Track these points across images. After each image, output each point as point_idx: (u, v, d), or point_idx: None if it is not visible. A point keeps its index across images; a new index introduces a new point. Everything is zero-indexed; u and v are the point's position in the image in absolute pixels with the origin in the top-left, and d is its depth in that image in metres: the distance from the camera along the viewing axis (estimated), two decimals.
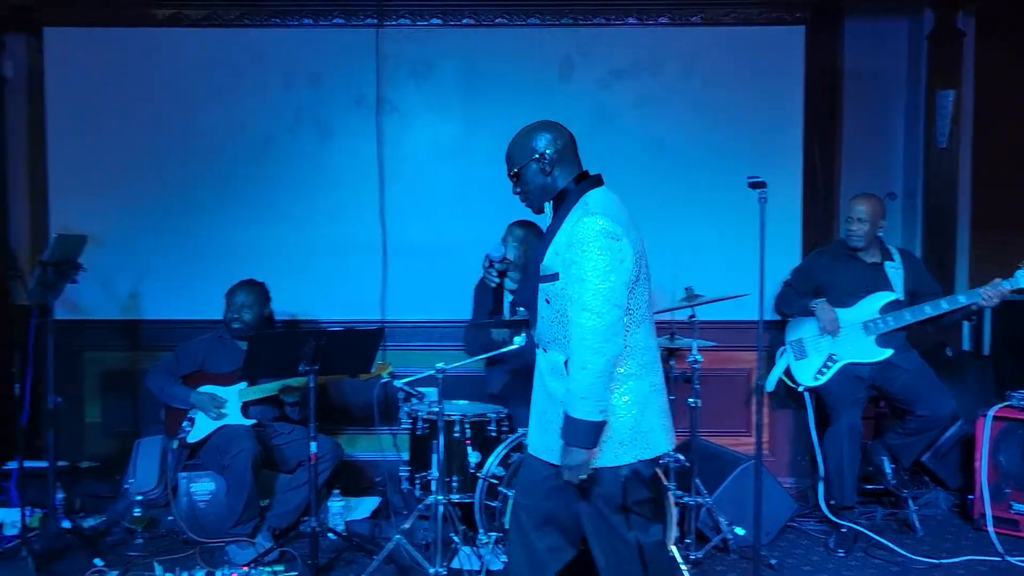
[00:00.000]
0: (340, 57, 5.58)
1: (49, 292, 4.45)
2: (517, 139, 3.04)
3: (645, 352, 2.89)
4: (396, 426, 4.99)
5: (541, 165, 2.96)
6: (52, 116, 5.65)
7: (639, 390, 2.84)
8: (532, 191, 3.00)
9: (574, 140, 3.06)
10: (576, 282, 2.76)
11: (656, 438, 2.88)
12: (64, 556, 4.32)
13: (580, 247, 2.76)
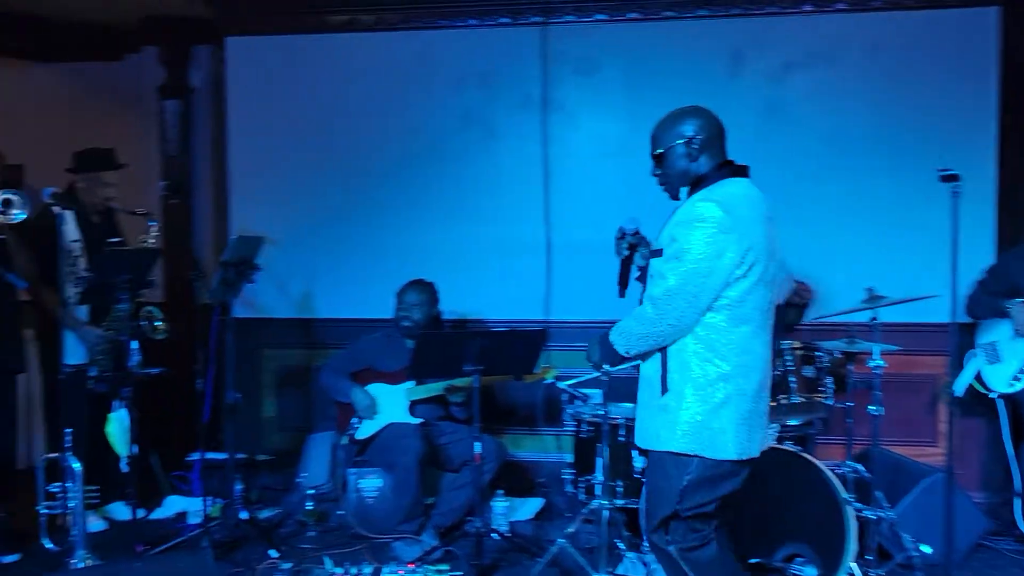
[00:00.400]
0: (506, 57, 5.58)
1: (229, 291, 4.63)
2: (665, 120, 2.98)
3: (745, 354, 2.79)
4: (560, 428, 4.94)
5: (688, 149, 2.90)
6: (233, 122, 5.91)
7: (723, 389, 2.77)
8: (673, 175, 2.95)
9: (724, 130, 2.97)
10: (670, 257, 2.77)
11: (724, 441, 2.77)
12: (241, 546, 4.46)
13: (685, 226, 2.75)
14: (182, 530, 4.68)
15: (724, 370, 2.76)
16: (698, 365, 2.77)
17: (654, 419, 2.86)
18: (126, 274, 4.09)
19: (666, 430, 2.81)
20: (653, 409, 2.87)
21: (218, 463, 4.91)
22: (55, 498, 3.99)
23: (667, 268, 2.77)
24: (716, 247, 2.71)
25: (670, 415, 2.80)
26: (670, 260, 2.77)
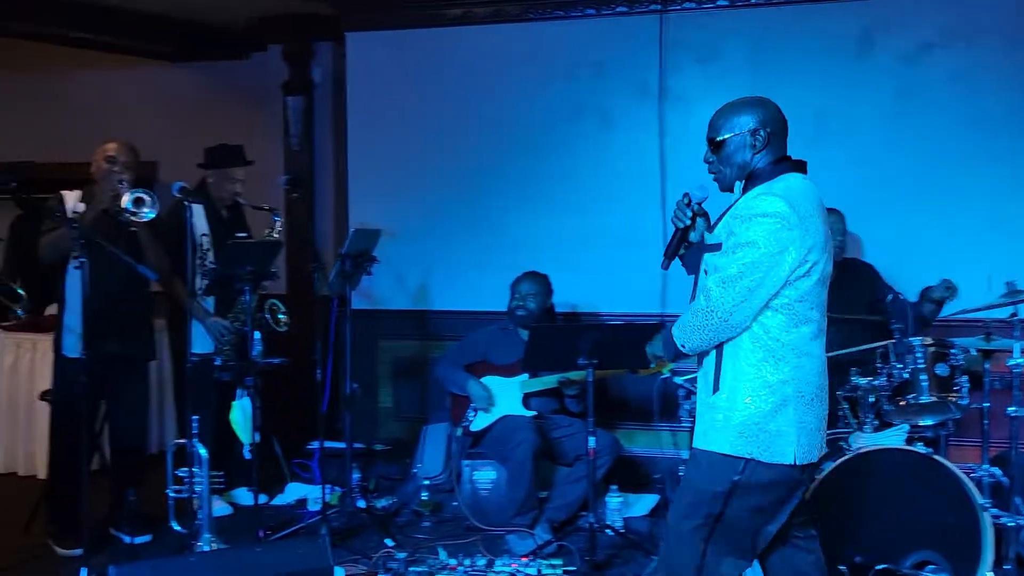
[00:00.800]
0: (622, 46, 5.49)
1: (347, 283, 4.69)
2: (732, 108, 2.82)
3: (804, 356, 2.69)
4: (676, 423, 4.83)
5: (753, 140, 2.75)
6: (352, 117, 6.00)
7: (781, 391, 2.65)
8: (731, 165, 2.79)
9: (787, 125, 2.82)
10: (727, 251, 2.66)
11: (782, 445, 2.66)
12: (359, 534, 4.52)
13: (745, 220, 2.63)
14: (302, 516, 4.78)
15: (783, 372, 2.66)
16: (754, 366, 2.67)
17: (704, 417, 2.78)
18: (250, 266, 4.19)
19: (715, 430, 2.71)
20: (704, 407, 2.79)
21: (337, 452, 4.99)
22: (183, 483, 4.11)
23: (724, 262, 2.66)
24: (779, 244, 2.60)
25: (719, 414, 2.70)
26: (727, 254, 2.66)
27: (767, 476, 2.69)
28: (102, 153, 4.33)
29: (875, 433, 3.70)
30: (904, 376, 3.74)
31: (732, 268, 2.63)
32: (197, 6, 6.26)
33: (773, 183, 2.71)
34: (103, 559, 4.02)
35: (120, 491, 4.48)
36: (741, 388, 2.68)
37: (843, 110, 5.23)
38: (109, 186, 4.16)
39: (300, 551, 3.45)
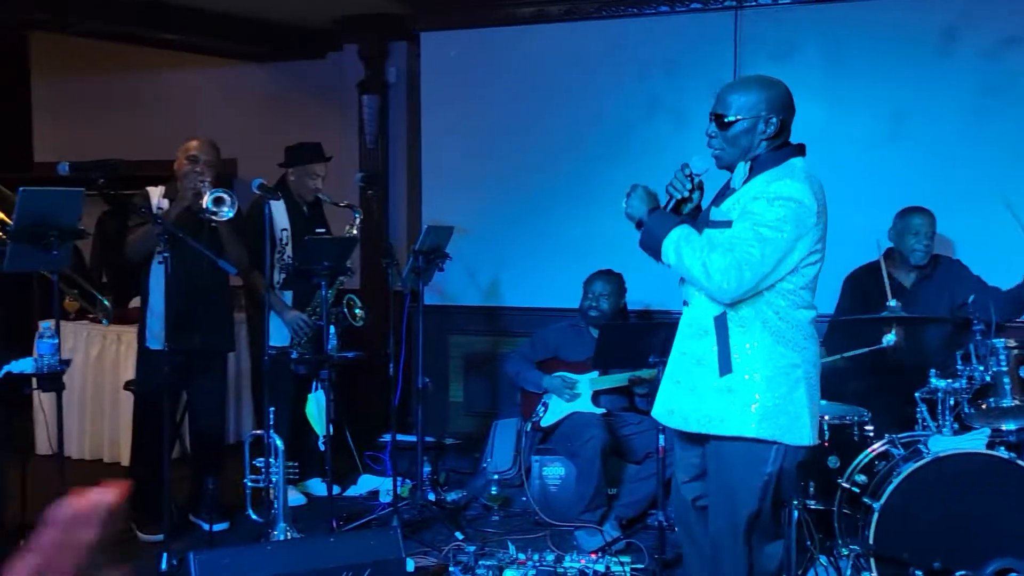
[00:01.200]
0: (696, 43, 5.45)
1: (420, 279, 4.74)
2: (746, 86, 2.82)
3: (810, 339, 2.77)
4: None
5: (765, 127, 2.74)
6: (426, 115, 6.05)
7: (794, 373, 2.71)
8: (736, 146, 2.77)
9: (795, 111, 2.85)
10: (749, 227, 2.64)
11: (800, 427, 2.71)
12: (429, 526, 4.57)
13: (768, 201, 2.63)
14: (373, 508, 4.83)
15: (794, 354, 2.70)
16: (768, 348, 2.69)
17: (715, 401, 2.73)
18: (326, 261, 4.26)
19: (735, 414, 2.69)
20: (708, 390, 2.74)
21: (408, 445, 5.03)
22: (259, 473, 4.19)
23: (743, 240, 2.64)
24: (799, 230, 2.64)
25: (738, 397, 2.69)
26: (750, 235, 2.63)
27: (792, 459, 2.74)
28: (184, 152, 4.43)
29: (954, 437, 3.60)
30: (986, 379, 3.64)
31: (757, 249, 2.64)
32: (277, 7, 6.38)
33: (794, 170, 2.72)
34: (183, 545, 4.12)
35: (200, 480, 4.58)
36: (760, 372, 2.68)
37: (923, 108, 5.12)
38: (191, 184, 4.26)
39: (372, 542, 3.49)
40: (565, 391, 4.74)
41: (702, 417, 2.75)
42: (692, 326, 2.82)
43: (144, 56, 7.21)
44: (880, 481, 3.56)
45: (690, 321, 2.84)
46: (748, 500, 2.75)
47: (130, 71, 7.49)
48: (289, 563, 3.33)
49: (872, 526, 3.38)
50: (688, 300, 2.85)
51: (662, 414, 2.92)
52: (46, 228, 3.53)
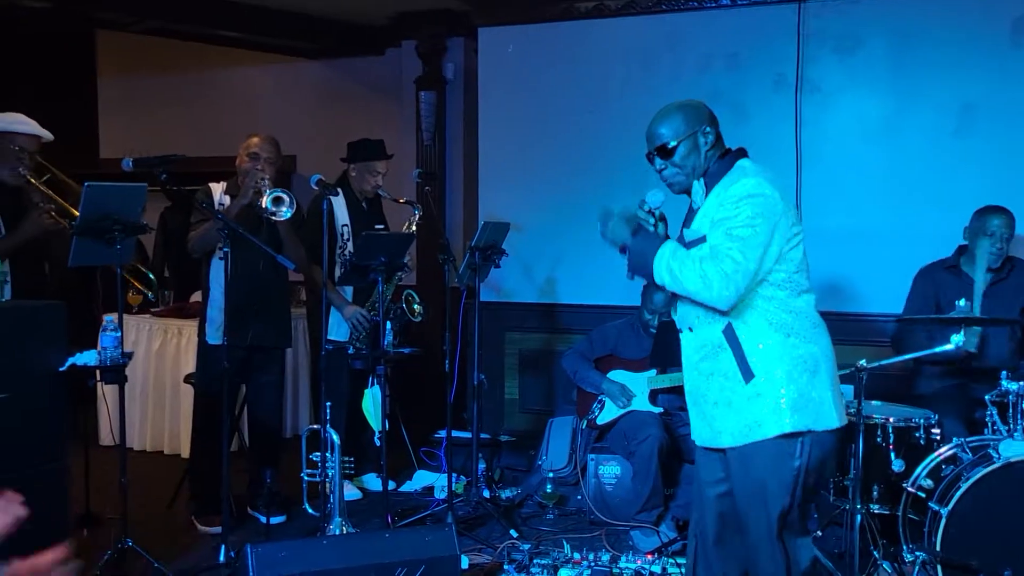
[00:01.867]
0: (758, 37, 5.35)
1: (476, 275, 4.73)
2: (670, 114, 2.89)
3: (812, 316, 2.79)
4: None
5: (705, 139, 2.83)
6: (484, 111, 6.04)
7: (812, 359, 2.73)
8: (689, 166, 2.83)
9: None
10: (723, 234, 2.66)
11: (827, 411, 2.74)
12: (483, 524, 4.55)
13: (733, 203, 2.68)
14: (428, 504, 4.84)
15: (807, 342, 2.73)
16: (780, 343, 2.71)
17: (748, 410, 2.72)
18: (383, 257, 4.26)
19: (769, 415, 2.69)
20: (742, 400, 2.73)
21: (463, 441, 5.03)
22: (316, 467, 4.21)
23: (722, 240, 2.66)
24: (770, 220, 2.67)
25: (768, 397, 2.69)
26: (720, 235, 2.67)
27: (822, 447, 2.75)
28: (246, 148, 4.47)
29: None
30: None
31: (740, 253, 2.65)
32: (337, 4, 6.42)
33: (745, 169, 2.78)
34: (240, 537, 4.16)
35: (257, 473, 4.63)
36: (777, 367, 2.70)
37: (994, 101, 4.97)
38: (252, 182, 4.29)
39: (427, 538, 3.49)
40: (621, 398, 4.69)
41: (744, 428, 2.74)
42: (704, 347, 2.82)
43: (206, 54, 7.32)
44: (948, 486, 3.46)
45: (700, 344, 2.83)
46: (780, 496, 2.75)
47: (192, 68, 7.62)
48: (344, 558, 3.34)
49: (940, 532, 3.28)
50: (692, 326, 2.85)
51: (709, 437, 2.88)
52: (110, 223, 3.58)
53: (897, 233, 4.83)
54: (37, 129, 4.11)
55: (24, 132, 4.07)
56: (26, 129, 4.08)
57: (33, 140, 4.10)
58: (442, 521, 4.35)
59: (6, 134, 4.06)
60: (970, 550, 3.25)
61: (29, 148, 4.06)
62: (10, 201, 4.08)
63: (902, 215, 4.93)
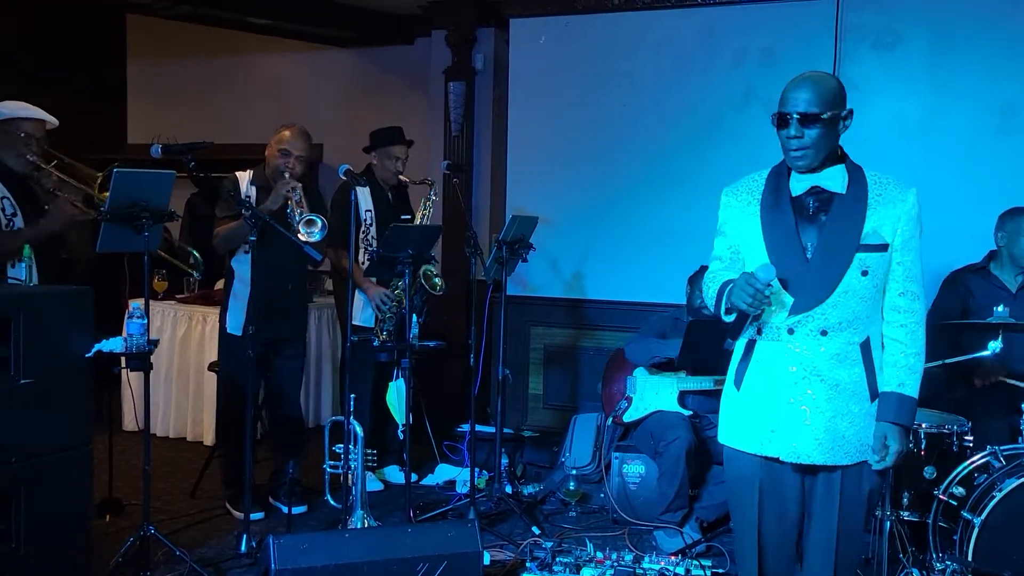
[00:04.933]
0: (795, 32, 5.31)
1: (503, 269, 4.72)
2: (828, 82, 2.57)
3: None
4: None
5: (844, 125, 2.59)
6: (513, 102, 6.03)
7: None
8: (824, 147, 2.56)
9: None
10: (919, 259, 2.61)
11: None
12: (505, 519, 4.56)
13: (918, 222, 2.59)
14: (450, 498, 4.84)
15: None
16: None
17: (866, 429, 2.61)
18: (410, 249, 4.26)
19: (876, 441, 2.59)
20: (867, 418, 2.61)
21: (486, 436, 5.03)
22: (339, 458, 4.23)
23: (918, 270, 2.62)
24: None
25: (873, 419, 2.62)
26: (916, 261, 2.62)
27: None
28: (278, 143, 4.45)
29: None
30: None
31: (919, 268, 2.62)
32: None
33: (895, 178, 2.64)
34: (262, 527, 4.18)
35: (281, 462, 4.65)
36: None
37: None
38: (283, 189, 4.28)
39: (450, 534, 3.50)
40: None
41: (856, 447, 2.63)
42: (840, 355, 2.61)
43: (236, 40, 7.35)
44: (981, 495, 3.43)
45: (838, 350, 2.60)
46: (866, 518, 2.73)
47: (222, 55, 7.65)
48: (366, 552, 3.35)
49: (972, 541, 3.25)
50: (826, 331, 2.60)
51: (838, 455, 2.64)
52: (139, 209, 3.60)
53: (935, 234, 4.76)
54: (42, 114, 4.11)
55: (29, 118, 4.08)
56: (31, 114, 4.08)
57: (39, 126, 4.10)
58: (463, 516, 4.36)
59: (11, 120, 4.07)
60: (1002, 561, 3.22)
61: (35, 134, 4.08)
62: (21, 188, 4.11)
63: (939, 215, 4.85)
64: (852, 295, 2.56)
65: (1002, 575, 3.20)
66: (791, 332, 2.60)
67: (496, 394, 4.75)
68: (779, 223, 2.63)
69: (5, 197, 4.02)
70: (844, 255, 2.56)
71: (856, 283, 2.56)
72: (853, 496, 2.66)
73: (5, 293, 3.39)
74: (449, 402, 5.78)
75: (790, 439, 2.61)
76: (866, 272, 2.55)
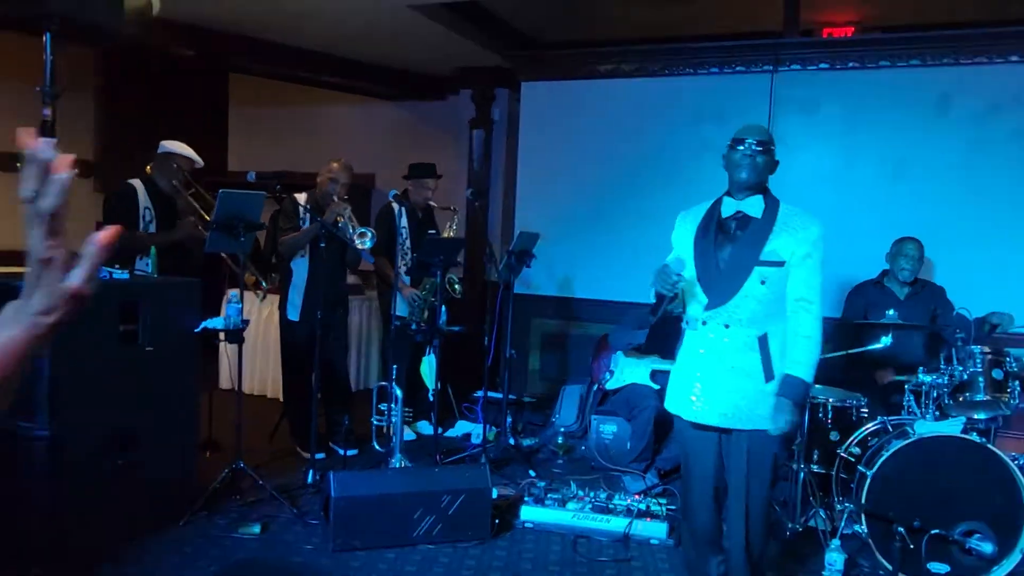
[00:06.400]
0: (739, 98, 5.31)
1: (511, 273, 4.74)
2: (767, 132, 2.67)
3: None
4: None
5: (774, 165, 2.65)
6: (522, 147, 6.04)
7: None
8: (762, 173, 2.60)
9: None
10: (814, 274, 2.57)
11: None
12: (508, 464, 4.57)
13: (818, 246, 2.56)
14: (467, 447, 4.85)
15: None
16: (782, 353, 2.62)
17: (760, 403, 2.58)
18: (441, 256, 4.29)
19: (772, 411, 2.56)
20: (761, 394, 2.58)
21: (495, 400, 5.05)
22: (383, 414, 4.25)
23: (815, 283, 2.58)
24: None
25: (772, 399, 2.57)
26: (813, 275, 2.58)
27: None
28: (328, 172, 4.44)
29: (936, 422, 3.46)
30: (964, 377, 3.48)
31: (819, 278, 2.59)
32: (411, 59, 6.44)
33: (798, 209, 2.64)
34: (323, 465, 4.21)
35: (336, 416, 4.65)
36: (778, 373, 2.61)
37: (922, 157, 4.92)
38: (336, 210, 4.26)
39: (467, 474, 3.53)
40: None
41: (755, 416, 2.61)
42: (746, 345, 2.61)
43: (310, 93, 7.36)
44: (873, 454, 3.44)
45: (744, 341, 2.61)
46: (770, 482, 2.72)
47: (300, 104, 7.66)
48: (403, 485, 3.39)
49: (865, 489, 3.27)
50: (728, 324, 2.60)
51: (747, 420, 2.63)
52: (237, 221, 3.63)
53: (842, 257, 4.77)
54: (193, 155, 4.23)
55: (183, 155, 4.19)
56: (185, 153, 4.21)
57: (188, 162, 4.22)
58: (477, 461, 4.37)
59: (171, 155, 4.16)
60: (888, 504, 3.23)
61: (184, 167, 4.17)
62: (164, 205, 4.17)
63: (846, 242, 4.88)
64: (751, 298, 2.58)
65: (886, 515, 3.21)
66: (704, 324, 2.64)
67: (504, 368, 4.77)
68: (704, 240, 2.67)
69: (147, 208, 4.07)
70: (746, 268, 2.58)
71: (755, 290, 2.57)
72: (758, 455, 2.65)
73: (135, 283, 3.42)
74: (468, 373, 5.79)
75: (699, 406, 2.66)
76: (764, 282, 2.56)
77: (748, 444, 2.65)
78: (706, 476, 2.74)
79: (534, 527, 3.66)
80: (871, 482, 3.25)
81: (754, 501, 2.69)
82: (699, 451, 2.74)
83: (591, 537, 3.59)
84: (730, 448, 2.68)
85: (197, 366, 3.69)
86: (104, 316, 3.15)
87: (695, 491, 2.79)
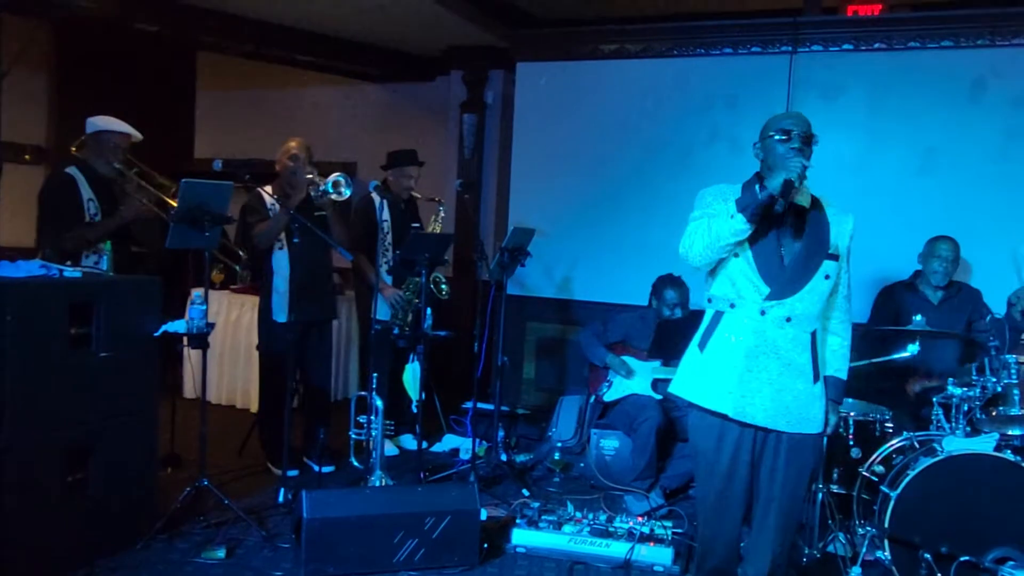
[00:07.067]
0: (754, 81, 5.32)
1: (504, 272, 4.73)
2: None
3: None
4: None
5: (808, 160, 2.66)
6: (518, 134, 6.03)
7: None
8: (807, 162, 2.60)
9: None
10: (848, 270, 2.74)
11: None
12: (500, 483, 4.56)
13: (853, 239, 2.72)
14: (454, 463, 4.84)
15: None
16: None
17: (810, 406, 2.67)
18: (427, 253, 4.28)
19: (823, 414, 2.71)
20: (810, 397, 2.67)
21: (486, 412, 5.04)
22: (362, 427, 4.24)
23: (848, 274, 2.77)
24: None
25: (821, 400, 2.71)
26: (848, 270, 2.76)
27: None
28: (286, 152, 4.43)
29: (966, 439, 3.46)
30: (997, 389, 3.48)
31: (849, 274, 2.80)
32: (397, 36, 6.43)
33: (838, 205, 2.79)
34: (296, 482, 4.20)
35: (311, 428, 4.65)
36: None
37: (954, 147, 4.92)
38: (296, 180, 4.29)
39: (453, 493, 3.52)
40: (622, 369, 4.67)
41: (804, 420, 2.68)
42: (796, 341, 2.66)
43: (285, 74, 7.35)
44: (898, 473, 3.44)
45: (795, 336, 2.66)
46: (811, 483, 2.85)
47: (275, 86, 7.65)
48: (383, 506, 3.38)
49: (888, 511, 3.26)
50: (790, 318, 2.64)
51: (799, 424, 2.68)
52: (202, 214, 3.62)
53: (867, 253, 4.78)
54: (129, 129, 4.21)
55: (118, 131, 4.16)
56: (119, 128, 4.18)
57: (125, 138, 4.21)
58: (465, 479, 4.36)
59: (104, 132, 4.14)
60: (913, 528, 3.23)
61: (121, 145, 4.16)
62: (106, 191, 4.15)
63: (871, 238, 4.88)
64: (815, 293, 2.65)
65: (912, 540, 3.21)
66: (763, 314, 2.64)
67: (495, 377, 4.76)
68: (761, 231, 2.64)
69: (91, 199, 4.05)
70: (816, 261, 2.65)
71: (820, 284, 2.64)
72: (797, 464, 2.69)
73: (88, 282, 3.40)
74: (456, 382, 5.79)
75: (742, 401, 2.64)
76: (828, 276, 2.65)
77: (788, 450, 2.67)
78: (740, 476, 2.70)
79: (527, 552, 3.64)
80: (895, 504, 3.25)
81: (784, 519, 2.71)
82: (729, 452, 2.68)
83: (589, 563, 3.57)
84: (765, 452, 2.69)
85: (158, 374, 3.67)
86: (53, 318, 3.13)
87: (721, 503, 2.73)
